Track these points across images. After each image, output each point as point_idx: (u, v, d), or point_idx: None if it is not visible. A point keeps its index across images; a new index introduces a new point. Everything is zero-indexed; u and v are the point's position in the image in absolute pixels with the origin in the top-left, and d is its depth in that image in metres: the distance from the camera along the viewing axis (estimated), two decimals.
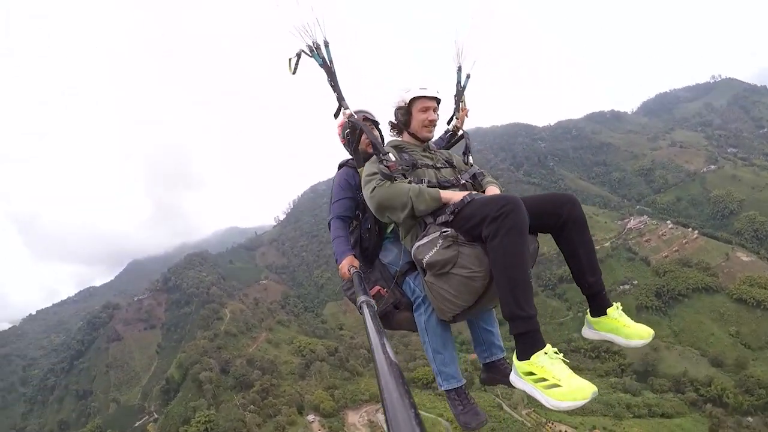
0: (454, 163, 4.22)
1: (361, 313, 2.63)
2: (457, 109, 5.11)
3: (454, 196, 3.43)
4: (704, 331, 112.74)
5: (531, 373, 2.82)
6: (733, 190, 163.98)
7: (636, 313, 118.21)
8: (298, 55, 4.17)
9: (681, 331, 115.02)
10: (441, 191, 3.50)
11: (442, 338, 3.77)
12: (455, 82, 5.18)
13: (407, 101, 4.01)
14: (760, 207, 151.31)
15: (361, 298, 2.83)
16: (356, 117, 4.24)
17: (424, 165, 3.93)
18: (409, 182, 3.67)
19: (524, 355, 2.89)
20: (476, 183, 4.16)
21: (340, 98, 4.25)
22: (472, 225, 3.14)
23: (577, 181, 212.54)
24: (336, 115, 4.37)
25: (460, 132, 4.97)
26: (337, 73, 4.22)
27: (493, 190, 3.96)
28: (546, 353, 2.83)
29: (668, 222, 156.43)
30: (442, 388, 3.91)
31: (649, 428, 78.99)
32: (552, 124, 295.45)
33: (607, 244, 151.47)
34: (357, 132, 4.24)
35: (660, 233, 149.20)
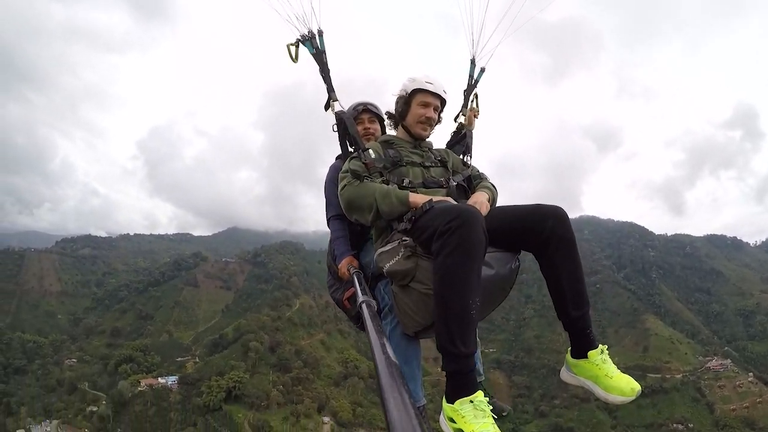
0: (448, 163, 4.12)
1: (361, 313, 2.66)
2: (465, 105, 4.89)
3: (424, 200, 3.21)
4: None
5: (452, 420, 2.51)
6: None
7: None
8: (296, 44, 4.31)
9: None
10: (411, 194, 3.37)
11: (405, 353, 3.62)
12: (467, 75, 4.97)
13: (409, 91, 3.93)
14: None
15: (362, 298, 2.88)
16: (344, 108, 4.35)
17: (410, 163, 3.85)
18: (385, 181, 3.63)
19: (450, 398, 2.56)
20: (470, 186, 4.06)
21: (330, 89, 4.29)
22: (426, 237, 2.90)
23: (674, 302, 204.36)
24: (326, 107, 4.33)
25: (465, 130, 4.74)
26: (329, 64, 4.33)
27: (478, 196, 3.59)
28: (472, 401, 2.47)
29: (750, 374, 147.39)
30: None
31: None
32: (668, 234, 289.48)
33: (678, 376, 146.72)
34: (343, 125, 4.23)
35: (737, 383, 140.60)
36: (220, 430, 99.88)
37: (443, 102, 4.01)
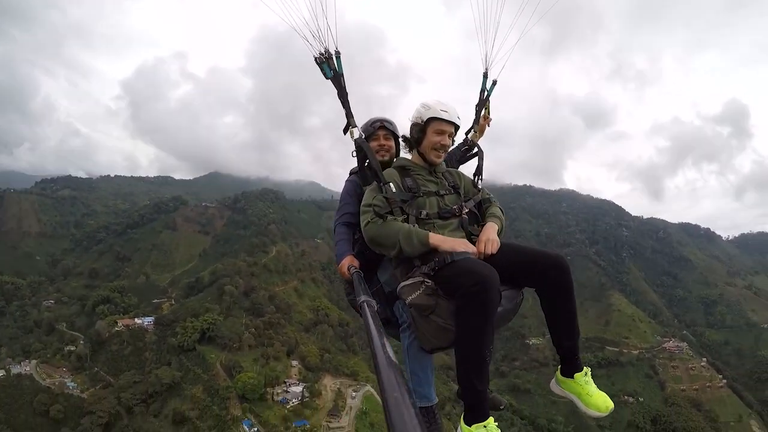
0: (460, 189, 4.38)
1: (362, 313, 2.74)
2: (477, 120, 5.23)
3: (443, 243, 3.64)
4: None
5: None
6: None
7: (625, 427, 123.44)
8: (317, 59, 4.30)
9: None
10: (431, 235, 3.69)
11: (421, 362, 4.18)
12: (479, 89, 5.28)
13: (424, 119, 4.11)
14: None
15: (362, 297, 2.96)
16: (364, 137, 4.50)
17: (427, 192, 4.12)
18: (406, 218, 3.93)
19: (468, 421, 3.29)
20: (480, 211, 4.36)
21: (349, 115, 4.38)
22: (448, 289, 3.43)
23: (640, 282, 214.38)
24: (345, 131, 4.44)
25: (477, 147, 4.93)
26: (347, 87, 4.34)
27: (489, 232, 3.95)
28: (486, 426, 3.23)
29: (704, 360, 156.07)
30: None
31: None
32: (644, 217, 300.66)
33: (635, 352, 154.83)
34: (362, 153, 4.42)
35: (689, 366, 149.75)
36: (194, 370, 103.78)
37: (457, 128, 4.25)
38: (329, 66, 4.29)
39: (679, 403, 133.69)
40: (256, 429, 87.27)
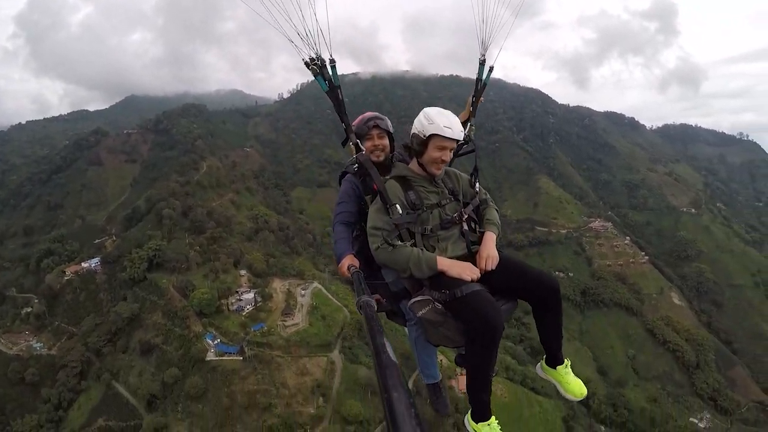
0: (459, 193, 4.59)
1: (361, 313, 2.81)
2: (473, 113, 5.28)
3: (450, 268, 3.96)
4: (606, 341, 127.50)
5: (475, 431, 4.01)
6: (700, 240, 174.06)
7: None
8: (307, 65, 4.22)
9: (586, 332, 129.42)
10: (438, 261, 3.99)
11: (427, 350, 4.96)
12: (476, 77, 5.28)
13: (426, 134, 4.14)
14: (714, 266, 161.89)
15: (362, 297, 3.03)
16: (365, 154, 4.59)
17: (430, 206, 4.30)
18: (413, 241, 4.17)
19: (474, 419, 4.00)
20: (479, 214, 4.66)
21: (349, 130, 4.48)
22: (458, 318, 3.88)
23: (567, 166, 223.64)
24: (344, 145, 4.61)
25: (471, 137, 5.10)
26: (344, 100, 4.31)
27: (490, 248, 4.27)
28: (489, 425, 3.92)
29: (627, 238, 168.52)
30: (424, 382, 5.39)
31: (513, 391, 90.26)
32: (570, 105, 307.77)
33: (563, 231, 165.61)
34: (364, 170, 4.50)
35: (614, 243, 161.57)
36: (149, 298, 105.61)
37: (458, 142, 4.31)
38: (323, 77, 4.28)
39: (605, 277, 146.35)
40: (218, 340, 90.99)
